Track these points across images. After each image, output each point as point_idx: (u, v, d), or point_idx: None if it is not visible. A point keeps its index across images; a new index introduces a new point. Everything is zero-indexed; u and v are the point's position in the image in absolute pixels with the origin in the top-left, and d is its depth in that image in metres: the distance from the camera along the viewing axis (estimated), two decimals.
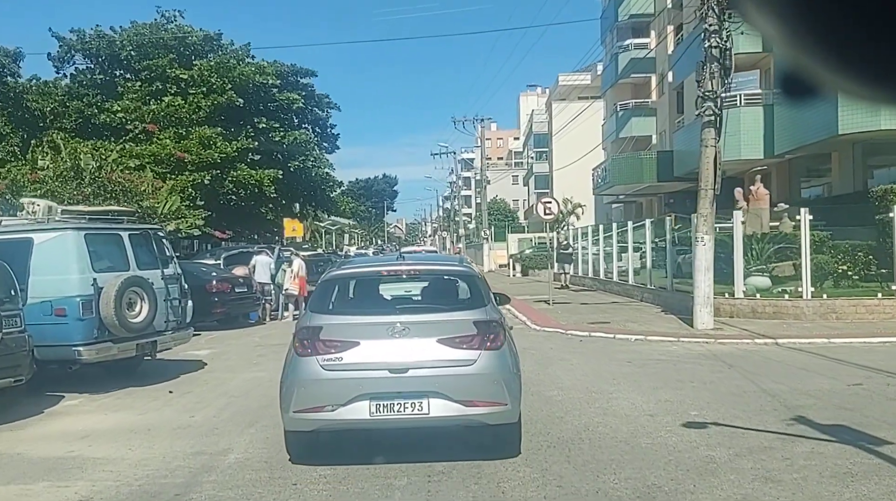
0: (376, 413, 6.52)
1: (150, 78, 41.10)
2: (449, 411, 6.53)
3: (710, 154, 15.80)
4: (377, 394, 6.52)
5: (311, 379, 6.62)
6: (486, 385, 6.61)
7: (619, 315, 19.10)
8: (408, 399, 6.52)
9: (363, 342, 6.65)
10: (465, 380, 6.55)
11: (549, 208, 22.06)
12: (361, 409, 6.51)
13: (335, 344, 6.64)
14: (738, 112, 26.95)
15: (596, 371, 11.76)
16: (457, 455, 6.88)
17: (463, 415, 6.60)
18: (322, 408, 6.58)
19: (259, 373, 12.44)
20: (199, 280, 19.31)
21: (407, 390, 6.52)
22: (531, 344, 14.82)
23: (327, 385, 6.58)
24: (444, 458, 6.85)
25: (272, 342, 16.58)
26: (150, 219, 32.38)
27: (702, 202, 15.80)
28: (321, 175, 45.67)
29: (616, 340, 15.30)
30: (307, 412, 6.62)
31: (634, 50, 44.61)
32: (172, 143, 38.52)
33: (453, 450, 6.98)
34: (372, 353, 6.62)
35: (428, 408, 6.52)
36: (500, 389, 6.62)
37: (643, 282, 23.03)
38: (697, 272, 15.84)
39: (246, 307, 20.59)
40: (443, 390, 6.51)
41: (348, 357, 6.58)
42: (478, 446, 7.00)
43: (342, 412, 6.53)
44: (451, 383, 6.53)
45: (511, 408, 6.67)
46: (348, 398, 6.51)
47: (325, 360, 6.59)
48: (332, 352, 6.61)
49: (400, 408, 6.53)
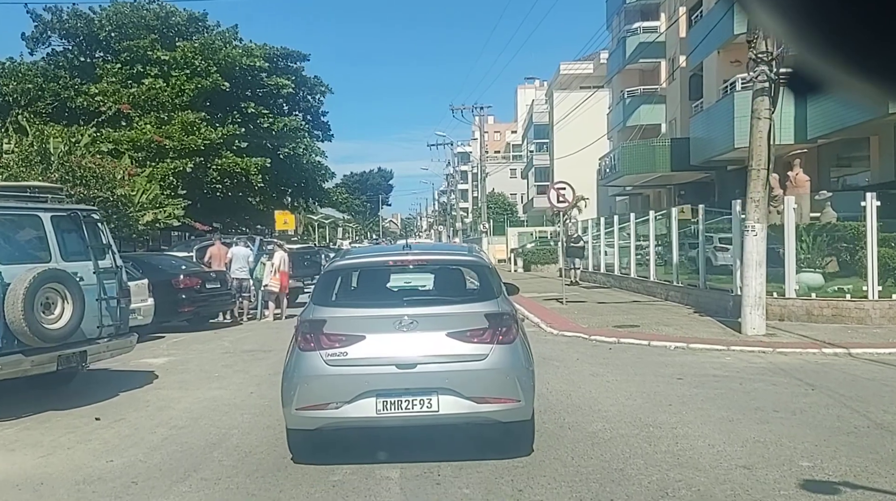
0: (383, 411, 6.18)
1: (130, 60, 38.90)
2: (459, 408, 6.22)
3: (763, 127, 13.34)
4: (384, 391, 6.19)
5: (314, 375, 6.28)
6: (499, 381, 6.30)
7: (647, 317, 16.62)
8: (416, 396, 6.19)
9: (369, 335, 6.32)
10: (477, 376, 6.24)
11: (563, 195, 19.56)
12: (367, 406, 6.19)
13: (340, 338, 6.32)
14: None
15: (643, 392, 9.29)
16: (466, 455, 6.49)
17: (474, 413, 6.27)
18: (326, 405, 6.25)
19: (217, 391, 9.97)
20: (165, 275, 16.86)
21: (415, 386, 6.20)
22: (552, 352, 12.37)
23: (331, 381, 6.25)
24: (454, 458, 6.44)
25: (244, 348, 14.10)
26: (126, 208, 30.38)
27: (752, 184, 13.34)
28: (312, 163, 43.27)
29: (652, 348, 12.84)
30: (310, 410, 6.28)
31: (643, 33, 42.34)
32: (153, 128, 36.27)
33: (462, 449, 6.62)
34: (378, 347, 6.29)
35: (437, 405, 6.20)
36: (513, 385, 6.30)
37: (667, 278, 20.55)
38: (747, 268, 13.38)
39: (219, 306, 18.09)
40: (453, 386, 6.20)
41: (353, 352, 6.27)
42: (488, 444, 6.62)
43: (347, 409, 6.21)
44: (462, 379, 6.21)
45: (524, 405, 6.36)
46: (354, 395, 6.19)
47: (329, 355, 6.27)
48: (336, 347, 6.29)
49: (408, 405, 6.20)
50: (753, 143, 13.43)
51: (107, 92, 36.88)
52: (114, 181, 28.74)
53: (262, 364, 11.98)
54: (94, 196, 27.49)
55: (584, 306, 19.40)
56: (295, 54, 42.96)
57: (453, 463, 6.34)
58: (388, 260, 7.71)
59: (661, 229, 21.70)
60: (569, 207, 20.41)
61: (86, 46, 40.91)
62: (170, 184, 34.52)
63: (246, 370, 11.59)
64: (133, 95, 37.03)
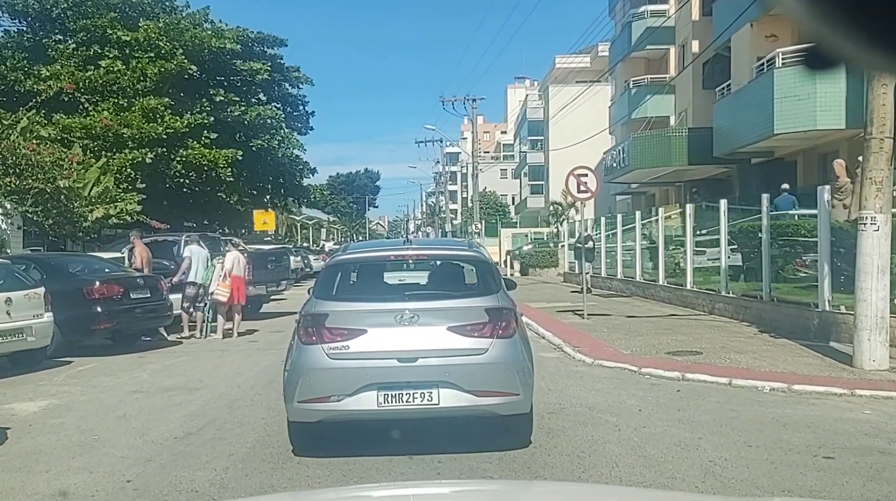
0: (384, 404, 6.30)
1: (87, 40, 35.17)
2: (460, 401, 6.31)
3: (890, 87, 9.50)
4: (385, 384, 6.31)
5: (316, 368, 6.37)
6: (498, 375, 6.38)
7: (702, 339, 12.83)
8: (417, 389, 6.30)
9: (370, 329, 6.42)
10: (477, 369, 6.33)
11: (585, 184, 15.76)
12: (369, 399, 6.29)
13: (341, 332, 6.40)
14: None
15: (775, 483, 5.50)
16: (465, 447, 6.50)
17: (474, 406, 6.35)
18: (328, 398, 6.33)
19: (74, 479, 6.13)
20: (76, 282, 13.00)
21: (416, 379, 6.31)
22: (596, 397, 8.69)
23: (333, 375, 6.34)
24: (453, 449, 6.48)
25: (164, 384, 10.27)
26: (70, 202, 26.55)
27: (874, 159, 9.59)
28: (289, 157, 39.45)
29: (736, 389, 9.07)
30: (312, 403, 6.37)
31: (651, 17, 38.91)
32: (111, 115, 32.52)
33: (461, 441, 6.61)
34: (379, 341, 6.39)
35: (438, 398, 6.30)
36: (513, 378, 6.40)
37: (711, 287, 16.73)
38: (864, 276, 9.63)
39: (149, 321, 14.13)
40: (453, 379, 6.29)
41: (355, 346, 6.36)
42: (486, 436, 6.67)
43: (349, 402, 6.30)
44: (462, 372, 6.31)
45: (523, 398, 6.45)
46: (355, 388, 6.30)
47: (330, 348, 6.36)
48: (338, 340, 6.37)
49: (409, 398, 6.30)
50: (875, 104, 9.62)
51: (59, 75, 33.06)
52: (54, 171, 25.01)
53: (175, 414, 8.23)
54: (29, 187, 23.73)
55: (612, 322, 15.62)
56: (271, 38, 39.23)
57: (453, 455, 6.37)
58: (389, 255, 8.03)
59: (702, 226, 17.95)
60: (591, 197, 16.58)
61: (39, 26, 37.00)
62: (127, 177, 30.77)
63: (146, 429, 7.77)
64: (89, 78, 33.24)
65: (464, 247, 8.39)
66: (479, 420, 6.63)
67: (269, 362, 12.05)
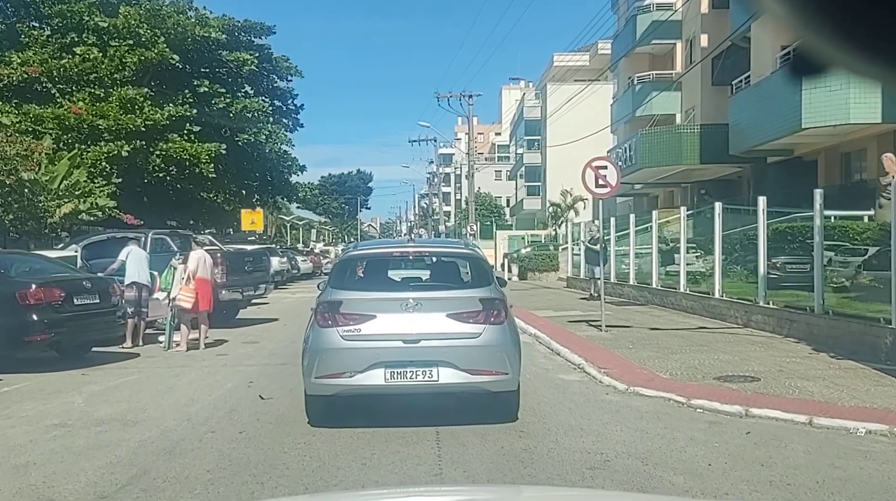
0: (391, 380, 7.05)
1: (62, 26, 33.31)
2: (456, 378, 7.08)
3: None
4: (392, 362, 7.04)
5: (331, 348, 7.11)
6: (490, 356, 7.15)
7: (751, 359, 10.84)
8: (419, 368, 7.04)
9: (379, 315, 7.14)
10: (471, 351, 7.10)
11: (605, 177, 13.76)
12: (377, 376, 7.03)
13: (354, 317, 7.12)
14: None
15: None
16: (461, 419, 7.25)
17: (468, 382, 7.15)
18: (341, 374, 7.07)
19: None
20: (8, 285, 10.98)
21: (419, 359, 7.05)
22: (642, 440, 6.89)
23: (347, 354, 7.08)
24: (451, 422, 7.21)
25: (98, 414, 8.26)
26: (35, 197, 24.56)
27: None
28: (277, 152, 37.40)
29: (818, 430, 7.13)
30: (328, 378, 7.10)
31: (656, 11, 37.03)
32: (86, 105, 30.58)
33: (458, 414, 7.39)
34: (387, 325, 7.11)
35: (437, 376, 7.05)
36: (503, 359, 7.17)
37: (745, 296, 14.74)
38: None
39: (96, 331, 12.01)
40: (451, 359, 7.03)
41: (366, 329, 7.07)
42: (479, 410, 7.43)
43: (360, 378, 7.05)
44: (459, 353, 7.05)
45: (511, 377, 7.23)
46: (365, 366, 7.03)
47: (344, 331, 7.07)
48: (351, 324, 7.09)
49: (412, 375, 7.05)
50: None
51: (32, 62, 31.01)
52: (15, 162, 23.03)
53: (94, 463, 6.32)
54: None
55: (635, 335, 13.65)
56: (258, 27, 37.19)
57: (452, 427, 7.09)
58: (395, 251, 9.18)
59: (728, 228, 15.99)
60: (611, 192, 14.60)
61: (12, 11, 34.95)
62: (102, 170, 28.77)
63: (44, 488, 5.69)
64: (63, 66, 31.21)
65: (460, 245, 9.67)
66: (472, 397, 7.57)
67: (233, 383, 10.06)
